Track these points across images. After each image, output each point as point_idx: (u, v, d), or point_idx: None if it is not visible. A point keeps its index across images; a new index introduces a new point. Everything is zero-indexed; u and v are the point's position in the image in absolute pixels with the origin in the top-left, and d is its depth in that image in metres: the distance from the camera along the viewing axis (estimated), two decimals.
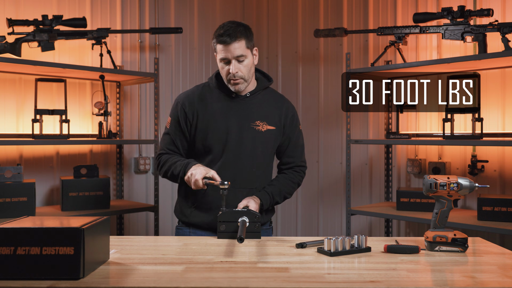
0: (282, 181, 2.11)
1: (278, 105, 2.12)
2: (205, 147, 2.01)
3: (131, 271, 1.35)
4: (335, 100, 3.99)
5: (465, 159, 3.31)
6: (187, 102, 2.04)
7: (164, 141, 2.08)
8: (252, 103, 2.06)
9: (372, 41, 3.78)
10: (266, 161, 2.08)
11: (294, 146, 2.16)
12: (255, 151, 2.02)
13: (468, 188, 1.59)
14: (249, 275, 1.31)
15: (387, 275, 1.32)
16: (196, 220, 2.04)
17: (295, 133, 2.15)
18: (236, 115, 2.02)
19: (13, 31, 2.94)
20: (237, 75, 1.96)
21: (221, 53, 1.96)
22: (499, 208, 2.76)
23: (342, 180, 3.94)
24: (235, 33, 1.93)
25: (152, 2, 3.77)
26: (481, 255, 1.58)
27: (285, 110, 2.12)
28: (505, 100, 3.15)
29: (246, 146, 2.01)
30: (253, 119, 2.03)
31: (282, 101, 2.15)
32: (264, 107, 2.07)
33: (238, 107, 2.04)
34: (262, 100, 2.09)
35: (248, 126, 2.02)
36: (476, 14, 2.85)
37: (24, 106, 3.17)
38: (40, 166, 3.26)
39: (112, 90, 3.60)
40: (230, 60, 1.95)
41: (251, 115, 2.04)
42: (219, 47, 1.96)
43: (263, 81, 2.12)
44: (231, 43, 1.92)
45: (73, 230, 1.25)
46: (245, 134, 2.01)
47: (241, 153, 2.00)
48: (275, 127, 2.07)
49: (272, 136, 2.07)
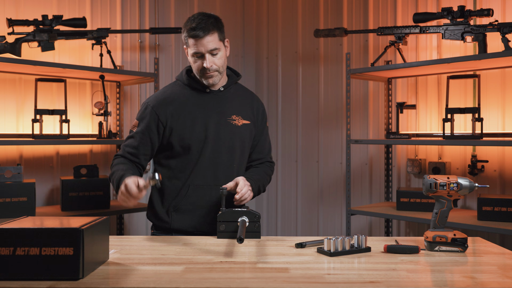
0: (258, 172, 2.04)
1: (249, 100, 2.08)
2: (184, 147, 1.93)
3: (130, 271, 1.35)
4: (335, 100, 3.99)
5: (465, 159, 3.31)
6: (159, 104, 1.95)
7: (126, 143, 1.97)
8: (226, 98, 2.01)
9: (372, 41, 3.78)
10: (244, 155, 2.04)
11: (263, 142, 2.10)
12: (233, 146, 1.97)
13: (468, 188, 1.59)
14: (249, 276, 1.31)
15: (387, 275, 1.32)
16: (177, 225, 1.94)
17: (265, 129, 2.11)
18: (212, 110, 1.96)
19: (13, 31, 2.94)
20: (212, 69, 1.90)
21: (193, 48, 1.89)
22: (499, 208, 2.76)
23: (342, 180, 3.94)
24: (207, 26, 1.87)
25: (152, 2, 3.77)
26: (481, 255, 1.58)
27: (256, 105, 2.08)
28: (505, 100, 3.15)
29: (224, 141, 1.95)
30: (229, 114, 1.98)
31: (252, 96, 2.11)
32: (237, 101, 2.03)
33: (213, 102, 1.98)
34: (235, 94, 2.04)
35: (225, 121, 1.97)
36: (476, 14, 2.85)
37: (24, 106, 3.17)
38: (40, 166, 3.26)
39: (112, 90, 3.60)
40: (203, 54, 1.88)
41: (226, 109, 1.98)
42: (191, 42, 1.89)
43: (233, 76, 2.07)
44: (204, 37, 1.86)
45: (73, 231, 1.25)
46: (222, 130, 1.95)
47: (220, 149, 1.94)
48: (249, 121, 2.03)
49: (248, 130, 2.02)
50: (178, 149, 1.94)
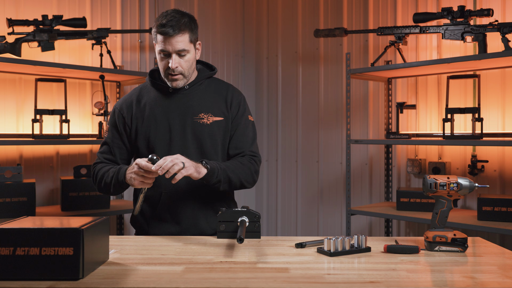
0: (230, 161, 1.90)
1: (223, 94, 1.95)
2: (149, 150, 1.88)
3: (130, 271, 1.35)
4: (335, 100, 3.99)
5: (465, 159, 3.31)
6: (125, 106, 1.92)
7: (101, 150, 1.95)
8: (192, 96, 1.91)
9: (372, 41, 3.78)
10: (218, 154, 1.92)
11: (241, 135, 1.94)
12: (202, 146, 1.88)
13: (468, 188, 1.59)
14: (248, 276, 1.31)
15: (387, 275, 1.32)
16: (155, 232, 1.90)
17: (242, 123, 1.95)
18: (176, 111, 1.88)
19: (13, 31, 2.94)
20: (177, 70, 1.83)
21: (160, 45, 1.81)
22: (499, 208, 2.76)
23: (342, 180, 3.94)
24: (178, 25, 1.78)
25: (152, 2, 3.77)
26: (481, 255, 1.58)
27: (230, 98, 1.95)
28: (505, 100, 3.15)
29: (191, 142, 1.87)
30: (195, 113, 1.89)
31: (227, 89, 1.98)
32: (206, 98, 1.92)
33: (177, 102, 1.90)
34: (204, 91, 1.94)
35: (191, 120, 1.88)
36: (476, 14, 2.85)
37: (24, 106, 3.17)
38: (40, 166, 3.26)
39: (112, 90, 3.60)
40: (170, 53, 1.81)
41: (192, 108, 1.89)
42: (159, 38, 1.80)
43: (204, 71, 1.98)
44: (173, 35, 1.78)
45: (73, 231, 1.25)
46: (188, 130, 1.87)
47: (188, 150, 1.85)
48: (223, 117, 1.91)
49: (221, 127, 1.91)
50: (145, 153, 1.89)
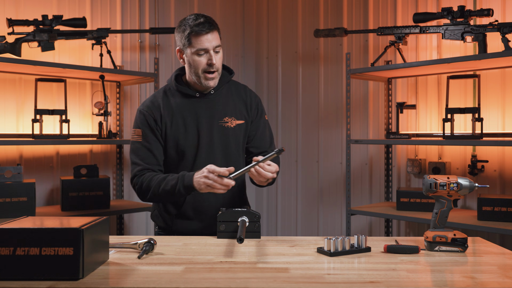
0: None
1: (242, 97, 2.03)
2: (178, 153, 1.93)
3: (130, 271, 1.35)
4: (335, 100, 3.99)
5: (465, 159, 3.31)
6: (154, 109, 1.94)
7: (139, 155, 1.91)
8: (217, 100, 1.98)
9: (372, 41, 3.78)
10: (241, 156, 2.03)
11: (261, 136, 2.05)
12: (228, 149, 1.96)
13: (468, 188, 1.59)
14: (248, 276, 1.31)
15: (387, 275, 1.32)
16: (178, 228, 1.97)
17: (261, 123, 2.05)
18: (203, 115, 1.95)
19: (13, 31, 2.94)
20: (215, 67, 1.89)
21: (198, 44, 1.87)
22: (499, 208, 2.76)
23: (342, 180, 3.94)
24: (212, 23, 1.88)
25: (152, 2, 3.77)
26: (481, 255, 1.58)
27: (250, 100, 2.03)
28: (505, 100, 3.15)
29: (217, 145, 1.95)
30: (220, 117, 1.96)
31: (245, 92, 2.06)
32: (229, 102, 2.00)
33: (204, 107, 1.96)
34: (227, 95, 2.01)
35: (217, 124, 1.95)
36: (476, 14, 2.85)
37: (24, 106, 3.17)
38: (40, 166, 3.26)
39: (112, 90, 3.60)
40: (208, 50, 1.88)
41: (218, 112, 1.96)
42: (195, 38, 1.87)
43: (225, 75, 2.03)
44: (210, 32, 1.87)
45: (73, 231, 1.25)
46: (215, 133, 1.94)
47: (214, 153, 1.94)
48: (244, 121, 2.00)
49: (242, 129, 2.00)
50: (174, 155, 1.94)
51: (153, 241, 1.56)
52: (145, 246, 1.53)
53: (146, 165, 1.90)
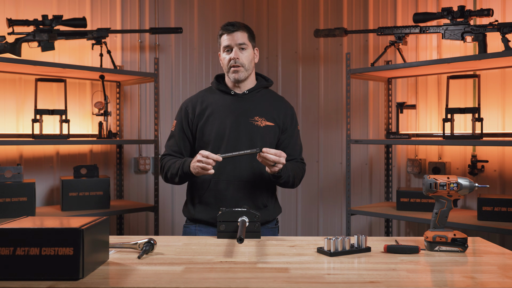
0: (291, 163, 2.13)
1: (278, 104, 2.19)
2: (205, 143, 2.10)
3: (130, 271, 1.35)
4: (335, 100, 3.99)
5: (465, 159, 3.31)
6: (190, 105, 2.16)
7: (169, 143, 2.19)
8: (250, 100, 2.14)
9: (372, 41, 3.78)
10: None
11: (294, 145, 2.21)
12: (253, 145, 2.06)
13: (468, 188, 1.59)
14: (248, 276, 1.31)
15: (387, 275, 1.32)
16: (200, 216, 2.10)
17: (295, 133, 2.22)
18: (234, 111, 2.10)
19: (13, 31, 2.94)
20: (238, 62, 2.07)
21: (224, 42, 2.09)
22: (499, 208, 2.76)
23: (342, 180, 3.94)
24: (238, 24, 2.10)
25: (152, 2, 3.77)
26: (481, 255, 1.58)
27: (284, 109, 2.19)
28: (505, 100, 3.15)
29: (243, 140, 2.07)
30: (251, 115, 2.10)
31: (281, 101, 2.23)
32: (262, 104, 2.15)
33: (236, 104, 2.12)
34: (262, 98, 2.17)
35: (247, 121, 2.09)
36: (476, 14, 2.85)
37: (24, 106, 3.17)
38: (40, 166, 3.26)
39: (112, 90, 3.60)
40: (232, 48, 2.07)
41: (249, 111, 2.11)
42: (223, 38, 2.10)
43: (262, 81, 2.21)
44: (234, 31, 2.07)
45: (73, 231, 1.25)
46: (242, 128, 2.08)
47: (239, 147, 2.04)
48: (273, 124, 2.13)
49: (271, 131, 2.12)
50: (201, 145, 2.11)
51: (153, 241, 1.57)
52: (145, 246, 1.54)
53: (170, 151, 2.16)
